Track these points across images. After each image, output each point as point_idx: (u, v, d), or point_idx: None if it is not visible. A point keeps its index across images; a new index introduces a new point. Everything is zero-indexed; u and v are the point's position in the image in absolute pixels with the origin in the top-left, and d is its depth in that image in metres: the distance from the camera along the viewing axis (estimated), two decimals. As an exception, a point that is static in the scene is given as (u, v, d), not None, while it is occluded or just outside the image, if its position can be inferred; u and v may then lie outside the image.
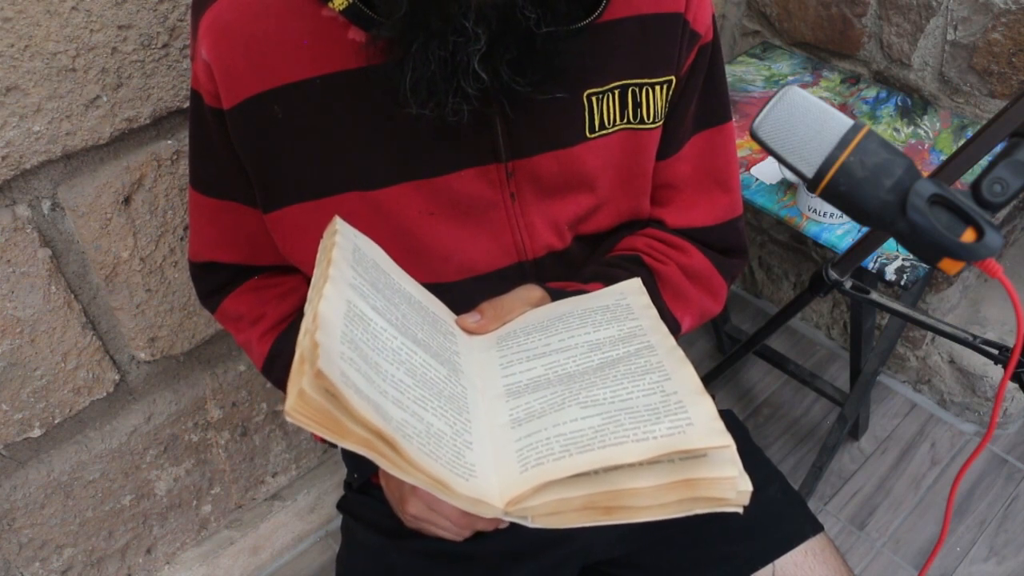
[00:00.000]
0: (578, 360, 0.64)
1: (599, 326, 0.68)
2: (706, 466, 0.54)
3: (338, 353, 0.50)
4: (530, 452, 0.57)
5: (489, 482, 0.55)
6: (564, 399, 0.60)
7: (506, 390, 0.63)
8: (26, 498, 1.09)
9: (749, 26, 1.67)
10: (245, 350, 0.86)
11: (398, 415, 0.52)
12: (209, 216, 0.78)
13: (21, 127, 0.86)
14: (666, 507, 0.54)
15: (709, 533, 0.85)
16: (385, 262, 0.66)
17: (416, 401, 0.55)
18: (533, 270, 0.77)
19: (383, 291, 0.61)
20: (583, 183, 0.74)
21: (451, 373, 0.62)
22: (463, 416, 0.59)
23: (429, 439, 0.53)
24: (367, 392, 0.50)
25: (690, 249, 0.82)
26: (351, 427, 0.48)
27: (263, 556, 1.44)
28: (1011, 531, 1.51)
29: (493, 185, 0.72)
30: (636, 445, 0.54)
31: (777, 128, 0.60)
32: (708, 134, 0.80)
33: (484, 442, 0.58)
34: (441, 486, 0.51)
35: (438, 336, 0.65)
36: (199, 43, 0.66)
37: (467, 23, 0.56)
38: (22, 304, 0.96)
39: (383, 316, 0.58)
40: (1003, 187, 0.61)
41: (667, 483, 0.54)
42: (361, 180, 0.70)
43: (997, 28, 1.30)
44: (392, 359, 0.56)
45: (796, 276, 1.82)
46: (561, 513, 0.54)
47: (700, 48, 0.74)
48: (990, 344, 0.88)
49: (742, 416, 1.71)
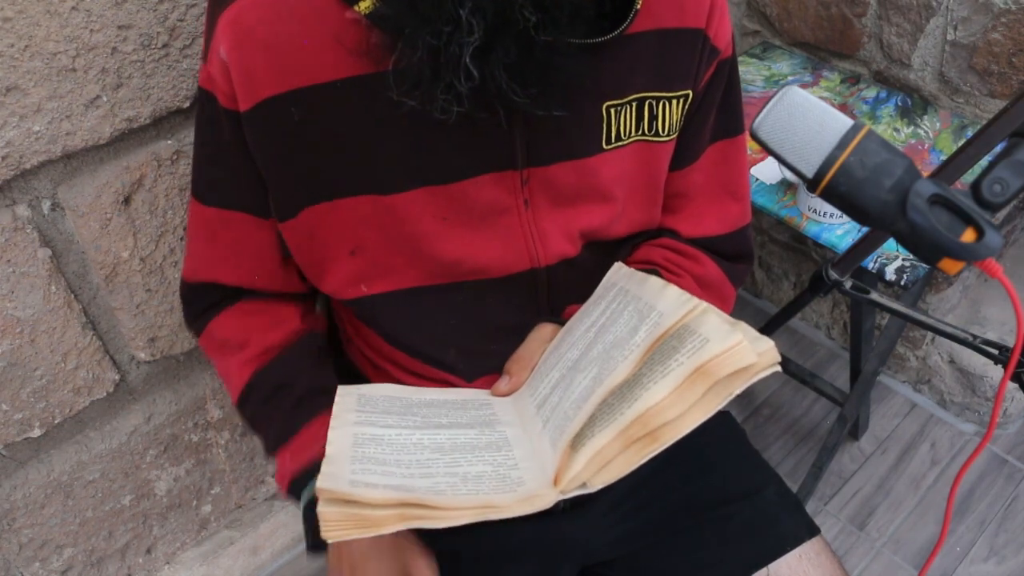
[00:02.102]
0: (580, 345, 0.67)
1: (592, 311, 0.71)
2: (708, 348, 0.54)
3: (348, 471, 0.57)
4: (556, 432, 0.60)
5: (539, 480, 0.58)
6: (572, 378, 0.63)
7: (536, 406, 0.67)
8: (26, 498, 1.09)
9: (749, 26, 1.67)
10: (224, 381, 0.83)
11: (425, 483, 0.57)
12: (210, 231, 0.76)
13: (21, 127, 0.86)
14: (702, 404, 0.55)
15: (705, 536, 0.85)
16: (397, 390, 0.74)
17: (448, 465, 0.60)
18: (545, 277, 0.77)
19: (395, 411, 0.68)
20: (597, 193, 0.74)
21: (484, 429, 0.66)
22: (503, 452, 0.62)
23: (467, 483, 0.58)
24: (385, 482, 0.55)
25: (703, 259, 0.83)
26: (379, 514, 0.53)
27: (263, 556, 1.44)
28: (1011, 531, 1.51)
29: (508, 191, 0.71)
30: (624, 363, 0.56)
31: (777, 128, 0.60)
32: (722, 145, 0.81)
33: (529, 458, 0.61)
34: (488, 509, 0.55)
35: (468, 412, 0.69)
36: (216, 41, 0.64)
37: (461, 11, 0.55)
38: (22, 304, 0.96)
39: (396, 428, 0.65)
40: (1003, 187, 0.61)
41: (683, 384, 0.54)
42: (376, 185, 0.69)
43: (997, 28, 1.30)
44: (413, 449, 0.62)
45: (796, 276, 1.82)
46: (610, 463, 0.56)
47: (719, 64, 0.75)
48: (990, 344, 0.88)
49: (742, 416, 1.71)
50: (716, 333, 0.55)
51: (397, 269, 0.73)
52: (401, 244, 0.71)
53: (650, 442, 0.55)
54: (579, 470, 0.55)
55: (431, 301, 0.76)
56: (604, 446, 0.55)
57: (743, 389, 0.55)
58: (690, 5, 0.71)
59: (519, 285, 0.76)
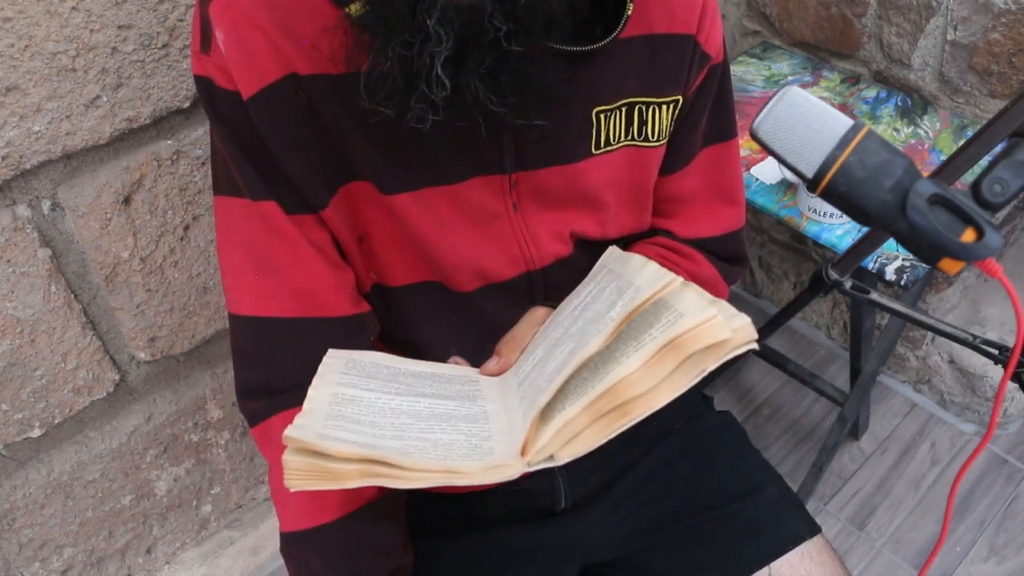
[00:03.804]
0: (565, 324, 0.67)
1: (581, 292, 0.71)
2: (681, 323, 0.54)
3: (320, 425, 0.56)
4: (527, 405, 0.59)
5: (507, 452, 0.57)
6: (550, 354, 0.63)
7: (518, 385, 0.66)
8: (26, 498, 1.09)
9: (749, 26, 1.67)
10: (276, 502, 0.73)
11: (395, 444, 0.56)
12: (247, 232, 0.69)
13: (21, 127, 0.86)
14: (672, 380, 0.54)
15: (707, 535, 0.85)
16: (387, 359, 0.71)
17: (421, 431, 0.59)
18: (541, 278, 0.77)
19: (380, 377, 0.66)
20: (586, 198, 0.74)
21: (465, 402, 0.65)
22: (479, 424, 0.61)
23: (436, 448, 0.57)
24: (355, 439, 0.55)
25: (698, 258, 0.84)
26: (343, 468, 0.52)
27: (263, 556, 1.44)
28: (1011, 531, 1.51)
29: (495, 195, 0.71)
30: (598, 337, 0.56)
31: (777, 128, 0.60)
32: (715, 149, 0.81)
33: (504, 432, 0.60)
34: (452, 473, 0.54)
35: (454, 385, 0.69)
36: (214, 28, 0.62)
37: (428, 21, 0.53)
38: (22, 304, 0.96)
39: (377, 392, 0.64)
40: (1003, 187, 0.61)
41: (654, 357, 0.54)
42: (376, 180, 0.69)
43: (997, 28, 1.30)
44: (390, 413, 0.61)
45: (796, 276, 1.82)
46: (577, 436, 0.56)
47: (710, 69, 0.75)
48: (990, 344, 0.88)
49: (742, 416, 1.71)
50: (691, 308, 0.54)
51: (399, 263, 0.74)
52: (408, 246, 0.72)
53: (619, 416, 0.54)
54: (546, 442, 0.55)
55: (433, 299, 0.76)
56: (572, 418, 0.54)
57: (717, 365, 0.54)
58: (680, 11, 0.71)
59: (517, 288, 0.76)
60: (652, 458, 0.89)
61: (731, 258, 0.87)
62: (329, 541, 0.70)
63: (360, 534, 0.71)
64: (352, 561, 0.70)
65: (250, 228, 0.69)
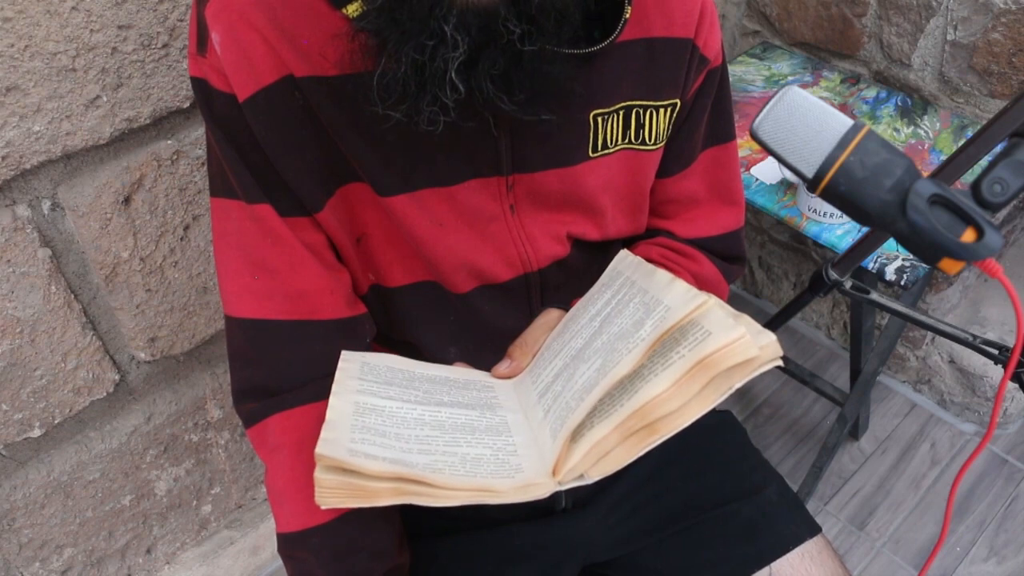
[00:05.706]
0: (584, 334, 0.67)
1: (597, 300, 0.71)
2: (710, 341, 0.54)
3: (347, 439, 0.56)
4: (557, 422, 0.59)
5: (538, 469, 0.57)
6: (576, 368, 0.63)
7: (538, 395, 0.66)
8: (26, 498, 1.09)
9: (749, 26, 1.67)
10: (272, 503, 0.73)
11: (424, 460, 0.56)
12: (243, 235, 0.69)
13: (21, 127, 0.86)
14: (701, 398, 0.55)
15: (707, 535, 0.85)
16: (400, 361, 0.72)
17: (447, 444, 0.59)
18: (538, 280, 0.77)
19: (397, 383, 0.67)
20: (583, 201, 0.74)
21: (485, 412, 0.65)
22: (503, 436, 0.62)
23: (465, 464, 0.57)
24: (383, 455, 0.55)
25: (700, 258, 0.84)
26: (376, 485, 0.52)
27: (263, 556, 1.44)
28: (1011, 531, 1.51)
29: (492, 197, 0.71)
30: (628, 356, 0.56)
31: (777, 128, 0.60)
32: (714, 152, 0.81)
33: (529, 445, 0.61)
34: (485, 492, 0.54)
35: (470, 392, 0.69)
36: (210, 30, 0.62)
37: (446, 27, 0.53)
38: (22, 304, 0.96)
39: (398, 400, 0.64)
40: (1003, 187, 0.61)
41: (683, 376, 0.54)
42: (373, 182, 0.68)
43: (997, 28, 1.30)
44: (413, 424, 0.61)
45: (796, 276, 1.82)
46: (607, 455, 0.56)
47: (709, 72, 0.75)
48: (990, 344, 0.88)
49: (742, 416, 1.71)
50: (719, 326, 0.54)
51: (397, 263, 0.73)
52: (400, 240, 0.72)
53: (649, 434, 0.55)
54: (577, 461, 0.55)
55: (431, 300, 0.76)
56: (602, 438, 0.55)
57: (744, 382, 0.55)
58: (679, 15, 0.71)
59: (514, 289, 0.76)
60: (652, 458, 0.89)
61: (731, 257, 0.87)
62: (325, 542, 0.70)
63: (355, 535, 0.71)
64: (348, 562, 0.70)
65: (245, 230, 0.69)
